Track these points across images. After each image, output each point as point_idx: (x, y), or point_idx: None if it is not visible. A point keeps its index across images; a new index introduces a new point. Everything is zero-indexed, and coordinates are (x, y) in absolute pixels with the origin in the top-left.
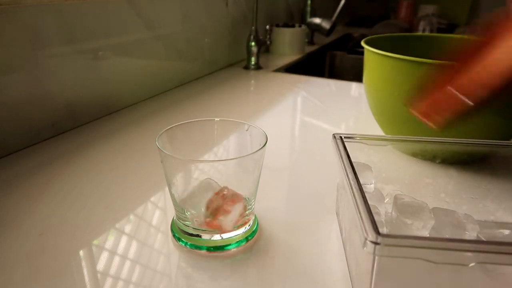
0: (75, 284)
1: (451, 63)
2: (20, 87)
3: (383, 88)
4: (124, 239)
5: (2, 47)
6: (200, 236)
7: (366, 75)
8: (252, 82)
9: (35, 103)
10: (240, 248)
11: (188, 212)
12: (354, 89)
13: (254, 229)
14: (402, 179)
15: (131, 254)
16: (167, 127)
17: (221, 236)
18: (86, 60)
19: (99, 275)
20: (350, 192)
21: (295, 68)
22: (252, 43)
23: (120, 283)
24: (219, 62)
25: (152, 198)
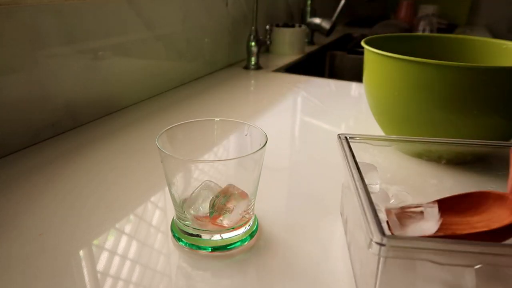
0: (75, 284)
1: None
2: (20, 87)
3: (383, 88)
4: (124, 239)
5: (2, 47)
6: (200, 236)
7: (366, 75)
8: (252, 82)
9: (35, 103)
10: (242, 247)
11: (188, 215)
12: (354, 89)
13: (254, 229)
14: (407, 180)
15: (131, 254)
16: (167, 127)
17: (221, 236)
18: (86, 60)
19: (99, 275)
20: (355, 193)
21: (295, 68)
22: (252, 43)
23: (120, 283)
24: (219, 62)
25: (152, 198)
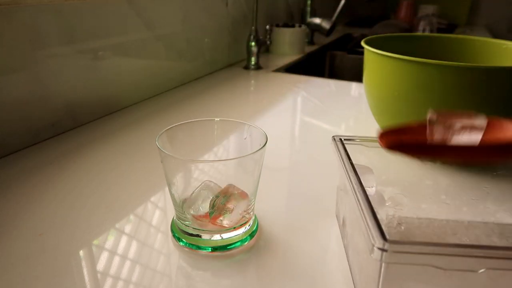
0: (75, 284)
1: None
2: (20, 87)
3: (383, 88)
4: (124, 239)
5: (2, 47)
6: (200, 236)
7: (366, 75)
8: (252, 82)
9: (35, 103)
10: (242, 247)
11: (188, 215)
12: (354, 89)
13: (254, 229)
14: (402, 181)
15: (131, 254)
16: (167, 127)
17: (221, 236)
18: (86, 60)
19: (99, 275)
20: (354, 197)
21: (295, 68)
22: (252, 43)
23: (120, 283)
24: (219, 62)
25: (152, 198)
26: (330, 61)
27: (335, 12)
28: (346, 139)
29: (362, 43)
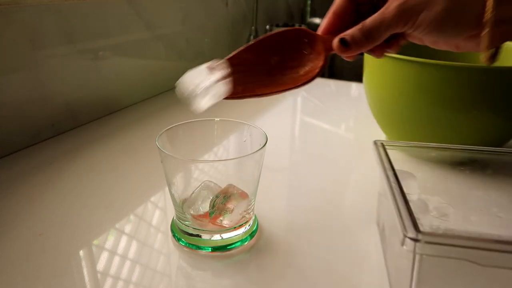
0: (75, 284)
1: None
2: (20, 87)
3: (383, 88)
4: (124, 239)
5: (2, 47)
6: (200, 236)
7: (366, 75)
8: None
9: (35, 103)
10: (242, 247)
11: (188, 215)
12: (354, 89)
13: (254, 229)
14: (449, 191)
15: (131, 254)
16: (167, 127)
17: (221, 236)
18: (86, 60)
19: (99, 275)
20: (391, 198)
21: None
22: None
23: (120, 283)
24: None
25: (152, 198)
26: (330, 61)
27: None
28: (388, 144)
29: None
